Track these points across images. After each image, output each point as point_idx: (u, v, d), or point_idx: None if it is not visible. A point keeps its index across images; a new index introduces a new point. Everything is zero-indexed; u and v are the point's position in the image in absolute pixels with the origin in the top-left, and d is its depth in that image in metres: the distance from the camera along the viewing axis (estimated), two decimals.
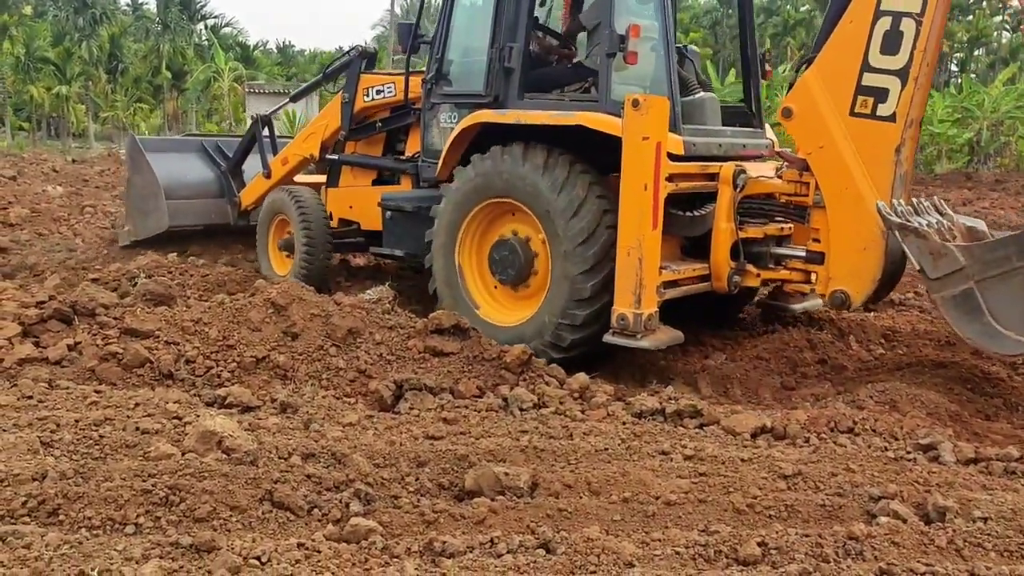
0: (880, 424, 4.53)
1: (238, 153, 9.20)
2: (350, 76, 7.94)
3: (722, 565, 2.98)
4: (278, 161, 8.62)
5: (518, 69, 6.30)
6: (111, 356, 5.13)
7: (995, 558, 3.03)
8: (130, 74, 46.56)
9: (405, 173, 7.49)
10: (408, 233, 7.04)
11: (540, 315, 5.92)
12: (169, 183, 8.70)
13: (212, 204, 9.05)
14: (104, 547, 2.93)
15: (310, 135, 8.34)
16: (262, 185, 8.76)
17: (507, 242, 6.17)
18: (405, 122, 7.61)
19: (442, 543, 3.05)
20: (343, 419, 4.52)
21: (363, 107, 7.86)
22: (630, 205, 5.38)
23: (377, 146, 7.97)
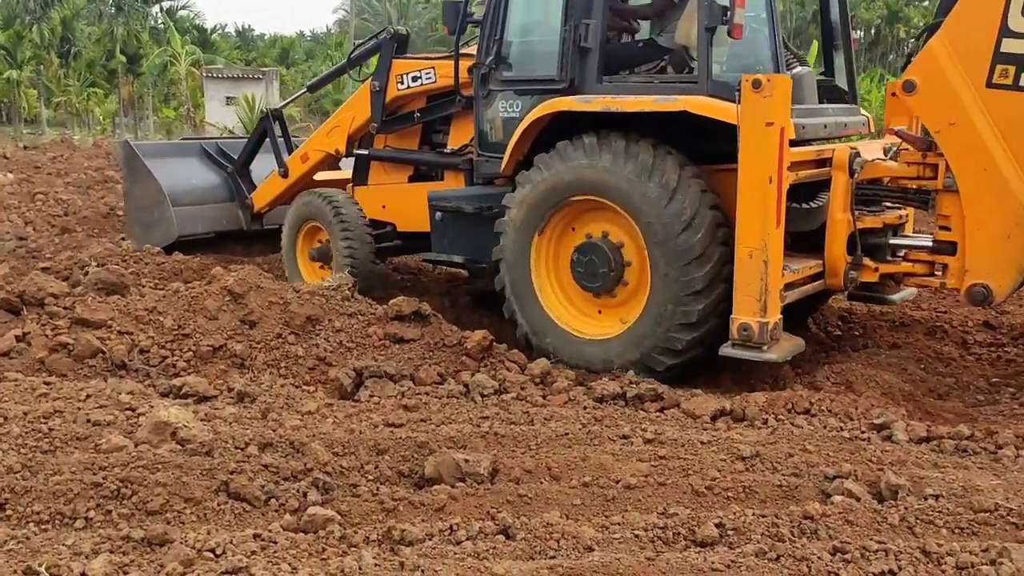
0: (836, 405, 4.59)
1: (246, 151, 8.41)
2: (381, 62, 7.13)
3: (680, 547, 3.00)
4: (296, 158, 7.81)
5: (596, 49, 5.54)
6: (61, 347, 5.02)
7: (946, 535, 3.09)
8: (83, 58, 45.49)
9: (452, 169, 6.73)
10: (465, 236, 6.31)
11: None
12: (174, 189, 7.93)
13: (222, 209, 8.30)
14: (52, 542, 2.87)
15: (333, 128, 7.53)
16: (278, 185, 8.00)
17: (595, 245, 5.48)
18: (447, 111, 6.81)
19: (401, 531, 3.03)
20: (302, 408, 4.48)
21: (396, 96, 7.04)
22: (752, 201, 4.77)
23: (412, 139, 7.20)
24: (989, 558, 2.82)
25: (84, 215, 10.19)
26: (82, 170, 13.08)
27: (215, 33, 56.28)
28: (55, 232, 9.53)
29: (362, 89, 7.26)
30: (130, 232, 8.38)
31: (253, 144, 8.38)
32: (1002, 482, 3.54)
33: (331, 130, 7.57)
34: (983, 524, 3.14)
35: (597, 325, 5.57)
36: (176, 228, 7.88)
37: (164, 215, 7.88)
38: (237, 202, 8.35)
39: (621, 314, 5.49)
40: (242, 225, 8.32)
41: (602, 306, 5.60)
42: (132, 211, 8.30)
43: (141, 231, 8.09)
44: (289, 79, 42.82)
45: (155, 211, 7.94)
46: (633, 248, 5.39)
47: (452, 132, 6.84)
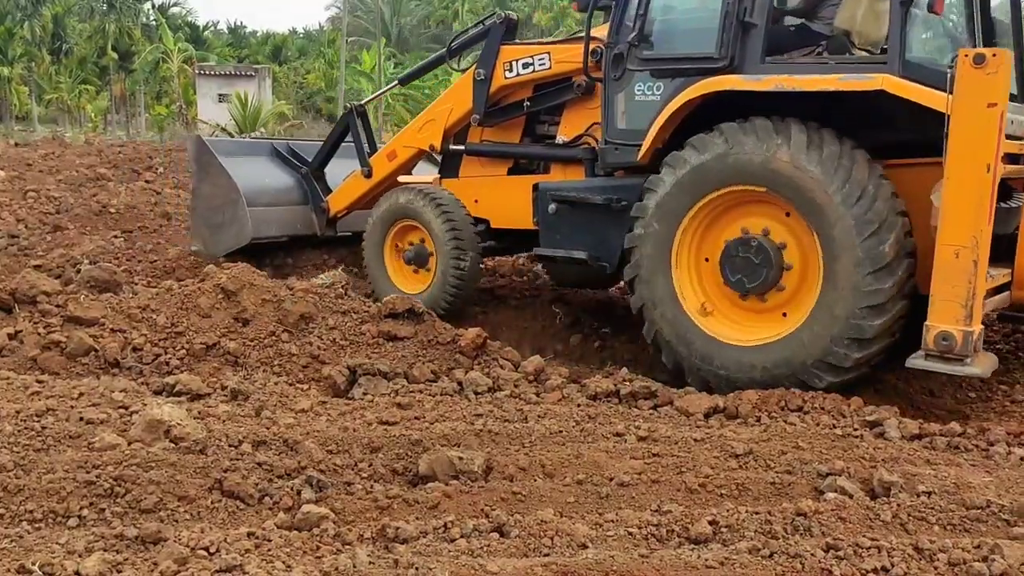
0: (828, 402, 4.61)
1: (323, 151, 7.87)
2: (488, 49, 6.64)
3: (674, 544, 3.01)
4: (382, 156, 7.31)
5: (762, 25, 5.06)
6: (54, 345, 5.00)
7: (938, 531, 3.10)
8: (75, 55, 45.33)
9: (565, 160, 6.31)
10: (587, 230, 5.85)
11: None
12: (249, 189, 7.38)
13: (296, 212, 7.75)
14: (46, 540, 2.86)
15: (427, 123, 7.04)
16: (359, 186, 7.45)
17: (753, 242, 4.97)
18: (560, 100, 6.35)
19: (395, 529, 3.03)
20: (295, 405, 4.47)
21: (503, 85, 6.56)
22: (965, 193, 4.29)
23: (514, 131, 6.74)
24: (981, 555, 2.84)
25: (76, 212, 10.13)
26: (74, 167, 13.00)
27: (207, 30, 56.16)
28: (47, 230, 9.48)
29: (462, 79, 6.81)
30: (196, 234, 7.74)
31: (332, 143, 7.86)
32: (994, 479, 3.56)
33: (424, 124, 7.10)
34: (975, 521, 3.15)
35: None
36: (250, 229, 7.31)
37: (238, 215, 7.32)
38: (311, 205, 7.81)
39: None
40: (316, 230, 7.79)
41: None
42: (200, 211, 7.63)
43: (209, 233, 7.52)
44: (282, 76, 42.73)
45: (227, 211, 7.39)
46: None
47: (564, 122, 6.40)
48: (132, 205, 9.56)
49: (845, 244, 4.63)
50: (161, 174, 12.52)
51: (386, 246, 6.86)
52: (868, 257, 4.59)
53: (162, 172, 12.66)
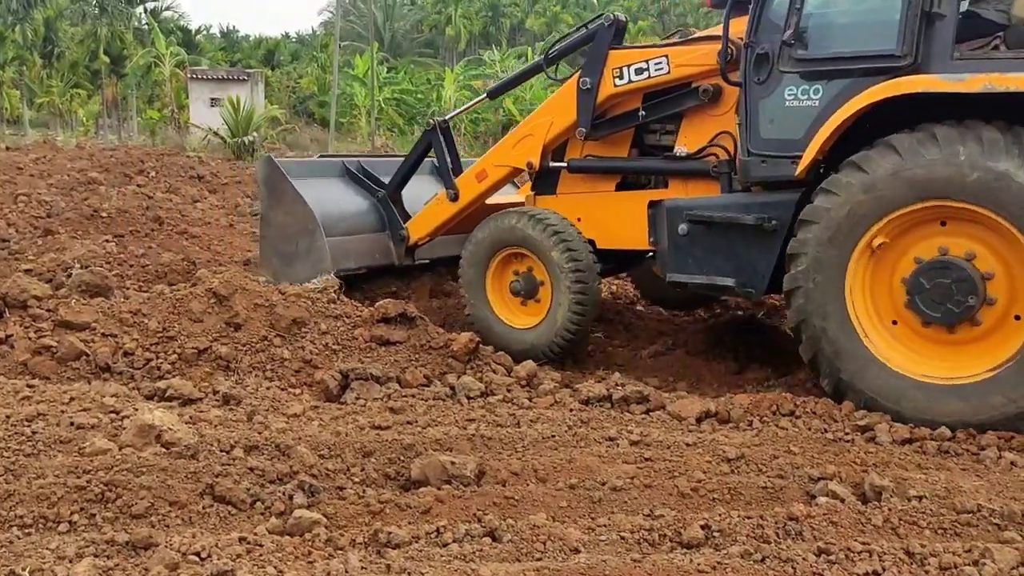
0: (820, 407, 4.62)
1: (402, 172, 7.10)
2: (594, 55, 5.93)
3: (666, 548, 3.02)
4: (471, 177, 6.54)
5: (951, 16, 4.52)
6: (44, 349, 4.98)
7: (929, 536, 3.12)
8: (66, 59, 45.21)
9: (691, 174, 5.68)
10: (730, 254, 5.23)
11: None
12: (326, 216, 6.68)
13: (374, 240, 7.01)
14: (36, 546, 2.86)
15: (523, 139, 6.30)
16: (444, 211, 6.66)
17: (953, 266, 4.38)
18: (681, 107, 5.73)
19: (387, 534, 3.03)
20: (287, 410, 4.47)
21: (612, 94, 5.88)
22: None
23: (621, 144, 6.06)
24: (972, 559, 2.85)
25: (67, 217, 10.10)
26: (65, 171, 12.96)
27: (200, 34, 56.08)
28: (38, 234, 9.44)
29: (564, 89, 6.14)
30: (266, 263, 7.02)
31: (412, 163, 7.10)
32: (984, 483, 3.58)
33: (520, 141, 6.32)
34: (966, 525, 3.17)
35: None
36: (329, 263, 6.56)
37: (314, 247, 6.60)
38: (389, 232, 7.01)
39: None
40: (393, 259, 7.00)
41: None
42: (270, 240, 6.90)
43: (281, 264, 6.77)
44: (275, 80, 42.68)
45: (302, 242, 6.66)
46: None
47: (684, 132, 5.76)
48: (124, 209, 9.53)
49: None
50: (153, 178, 12.49)
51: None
52: None
53: (154, 176, 12.63)
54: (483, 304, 6.09)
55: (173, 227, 9.24)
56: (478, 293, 6.12)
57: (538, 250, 5.81)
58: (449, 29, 72.05)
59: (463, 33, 71.03)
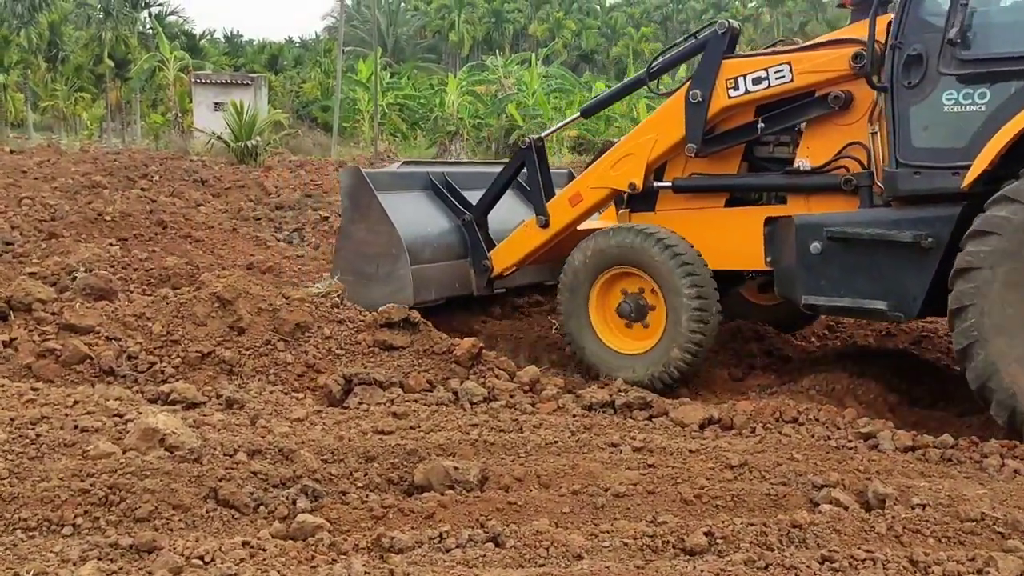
0: (823, 414, 4.62)
1: (491, 194, 6.53)
2: (706, 65, 5.53)
3: (669, 555, 3.01)
4: (563, 202, 6.07)
5: None
6: (49, 352, 5.00)
7: (933, 544, 3.11)
8: (71, 63, 45.32)
9: (817, 189, 5.27)
10: (875, 274, 4.81)
11: None
12: (412, 241, 6.16)
13: (456, 268, 6.42)
14: (40, 549, 2.86)
15: (624, 158, 5.82)
16: (533, 238, 6.18)
17: None
18: (804, 117, 5.34)
19: (391, 539, 3.03)
20: (291, 414, 4.47)
21: (725, 106, 5.48)
22: None
23: (730, 159, 5.68)
24: (976, 567, 2.85)
25: (71, 220, 10.12)
26: (69, 175, 12.99)
27: (204, 39, 56.21)
28: (42, 237, 9.46)
29: (669, 104, 5.73)
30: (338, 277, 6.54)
31: (503, 184, 6.57)
32: (988, 491, 3.58)
33: (619, 160, 5.85)
34: (969, 533, 3.17)
35: None
36: (411, 293, 6.05)
37: (396, 274, 6.11)
38: (470, 260, 6.46)
39: None
40: (471, 289, 6.49)
41: None
42: (347, 254, 6.46)
43: (356, 282, 6.28)
44: (278, 85, 42.76)
45: (383, 265, 6.18)
46: None
47: (806, 143, 5.35)
48: (127, 213, 9.55)
49: None
50: (156, 182, 12.52)
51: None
52: None
53: (157, 180, 12.66)
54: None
55: (177, 231, 9.25)
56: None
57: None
58: (452, 34, 72.17)
59: (466, 38, 71.15)
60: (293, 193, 12.60)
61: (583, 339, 5.65)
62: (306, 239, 10.28)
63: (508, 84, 32.11)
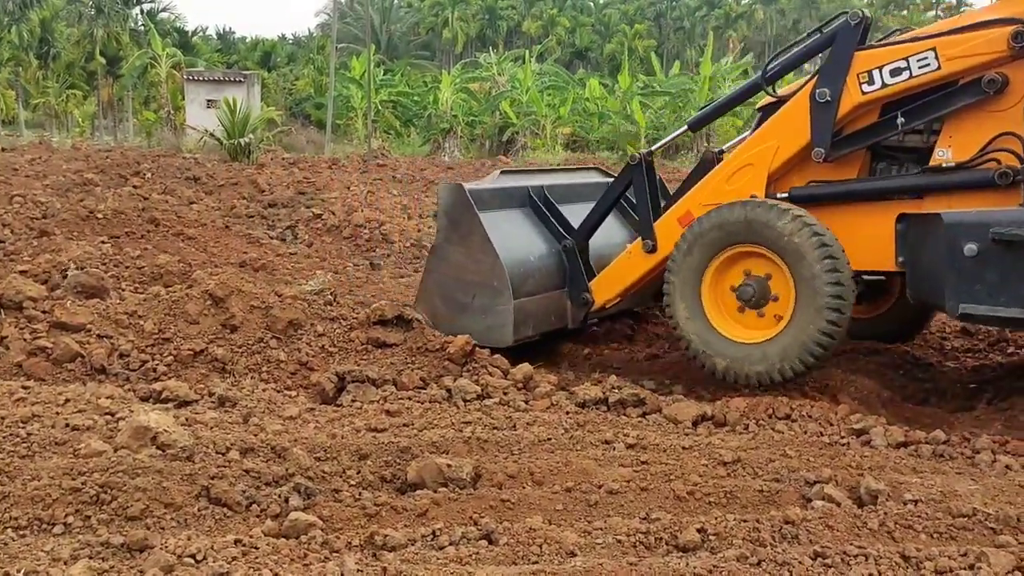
0: (816, 410, 4.63)
1: (596, 216, 5.99)
2: (836, 60, 5.04)
3: (662, 552, 3.02)
4: (671, 222, 5.52)
5: None
6: (39, 351, 4.97)
7: (925, 539, 3.12)
8: (62, 60, 45.13)
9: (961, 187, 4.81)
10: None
11: None
12: (515, 271, 5.58)
13: (554, 300, 5.86)
14: (31, 548, 2.84)
15: (741, 170, 5.31)
16: (639, 265, 5.67)
17: None
18: (950, 106, 4.84)
19: (384, 536, 3.03)
20: (284, 412, 4.46)
21: (859, 103, 4.99)
22: None
23: (854, 160, 5.18)
24: (967, 563, 2.86)
25: (63, 218, 10.09)
26: (61, 172, 12.94)
27: (196, 35, 56.08)
28: (33, 235, 9.42)
29: (791, 107, 5.22)
30: (425, 299, 5.93)
31: (610, 204, 6.05)
32: (980, 487, 3.59)
33: (735, 173, 5.34)
34: (961, 529, 3.17)
35: None
36: (511, 332, 5.53)
37: (496, 309, 5.57)
38: (568, 291, 5.91)
39: None
40: (567, 322, 5.96)
41: None
42: (439, 277, 5.86)
43: (446, 309, 5.78)
44: (271, 82, 42.64)
45: (481, 296, 5.64)
46: None
47: (948, 136, 4.88)
48: (119, 210, 9.52)
49: None
50: (149, 179, 12.48)
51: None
52: None
53: (150, 177, 12.62)
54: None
55: (169, 229, 9.23)
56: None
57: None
58: (446, 32, 72.06)
59: (460, 36, 71.07)
60: (286, 191, 12.58)
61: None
62: (299, 237, 10.26)
63: (502, 81, 32.10)
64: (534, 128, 28.60)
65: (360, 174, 15.76)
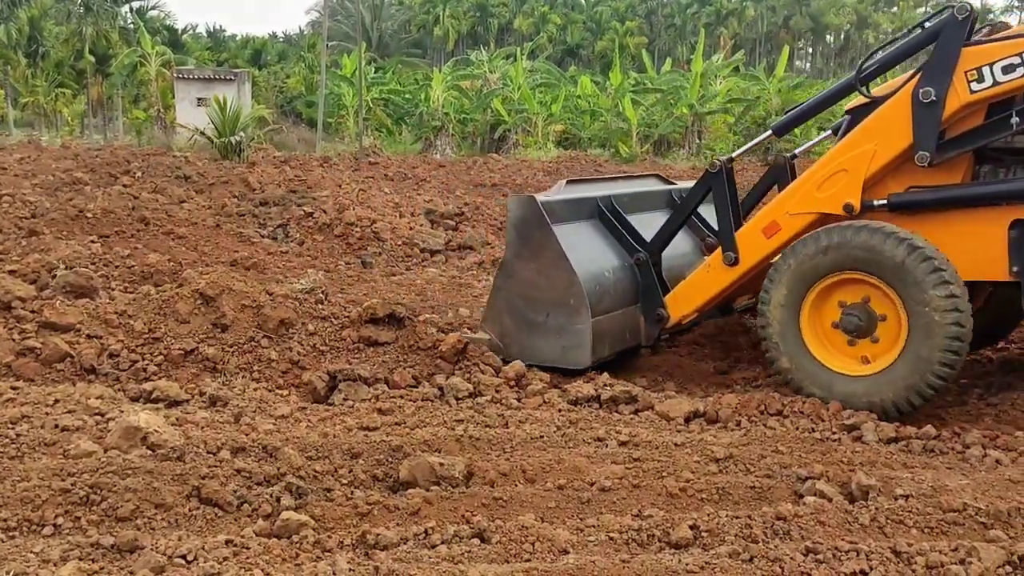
0: (807, 406, 4.64)
1: (671, 228, 5.76)
2: (941, 57, 4.75)
3: (655, 549, 3.02)
4: (755, 234, 5.25)
5: None
6: (28, 351, 4.95)
7: (916, 534, 3.13)
8: (51, 58, 44.84)
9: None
10: None
11: None
12: (591, 287, 5.31)
13: (628, 317, 5.62)
14: (20, 549, 2.83)
15: (834, 176, 4.99)
16: (718, 279, 5.38)
17: None
18: None
19: (376, 535, 3.02)
20: (275, 412, 4.45)
21: (966, 103, 4.71)
22: None
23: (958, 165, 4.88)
24: (958, 557, 2.86)
25: (52, 217, 10.03)
26: (50, 171, 12.88)
27: (186, 34, 55.83)
28: (22, 234, 9.36)
29: (889, 108, 4.91)
30: (493, 319, 5.61)
31: (687, 216, 5.81)
32: (970, 482, 3.60)
33: (828, 179, 5.01)
34: (952, 524, 3.19)
35: None
36: (589, 353, 5.27)
37: (572, 329, 5.29)
38: (641, 307, 5.65)
39: None
40: (640, 339, 5.72)
41: None
42: (508, 295, 5.53)
43: (516, 329, 5.49)
44: (262, 80, 42.50)
45: (555, 316, 5.34)
46: None
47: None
48: (109, 210, 9.47)
49: None
50: (139, 178, 12.41)
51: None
52: None
53: (140, 176, 12.55)
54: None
55: (159, 228, 9.19)
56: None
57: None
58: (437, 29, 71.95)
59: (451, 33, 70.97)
60: (277, 189, 12.53)
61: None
62: (290, 235, 10.22)
63: (493, 79, 32.04)
64: (526, 126, 28.57)
65: (351, 172, 15.73)
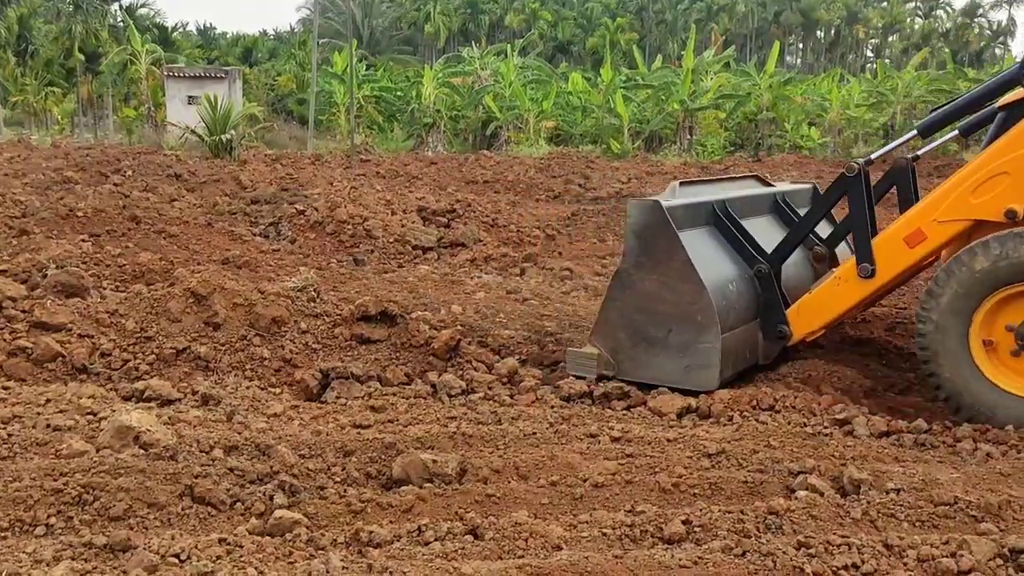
0: (799, 401, 4.66)
1: (798, 236, 5.36)
2: None
3: (648, 544, 3.03)
4: (896, 242, 4.85)
5: None
6: (19, 351, 4.93)
7: (907, 528, 3.15)
8: (41, 57, 44.61)
9: None
10: None
11: None
12: (719, 301, 4.87)
13: (750, 334, 5.19)
14: (12, 549, 2.82)
15: (991, 179, 4.57)
16: (850, 294, 4.99)
17: None
18: None
19: (369, 533, 3.02)
20: (268, 410, 4.44)
21: None
22: None
23: None
24: (949, 550, 2.88)
25: (43, 216, 9.98)
26: (40, 170, 12.82)
27: (176, 31, 55.56)
28: (13, 234, 9.32)
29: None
30: (606, 335, 5.09)
31: (815, 223, 5.38)
32: (961, 475, 3.62)
33: (984, 183, 4.59)
34: (943, 517, 3.21)
35: None
36: (717, 374, 4.84)
37: (699, 347, 4.85)
38: (761, 322, 5.24)
39: None
40: (758, 358, 5.29)
41: None
42: (623, 307, 5.04)
43: (632, 345, 5.01)
44: (252, 78, 42.35)
45: (679, 331, 4.88)
46: None
47: None
48: (100, 209, 9.44)
49: None
50: (129, 177, 12.37)
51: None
52: None
53: (130, 175, 12.51)
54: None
55: (150, 226, 9.15)
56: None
57: None
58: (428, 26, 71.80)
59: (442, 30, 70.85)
60: (269, 187, 12.51)
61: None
62: (282, 233, 10.19)
63: (484, 76, 31.98)
64: (517, 122, 28.54)
65: (343, 170, 15.70)
